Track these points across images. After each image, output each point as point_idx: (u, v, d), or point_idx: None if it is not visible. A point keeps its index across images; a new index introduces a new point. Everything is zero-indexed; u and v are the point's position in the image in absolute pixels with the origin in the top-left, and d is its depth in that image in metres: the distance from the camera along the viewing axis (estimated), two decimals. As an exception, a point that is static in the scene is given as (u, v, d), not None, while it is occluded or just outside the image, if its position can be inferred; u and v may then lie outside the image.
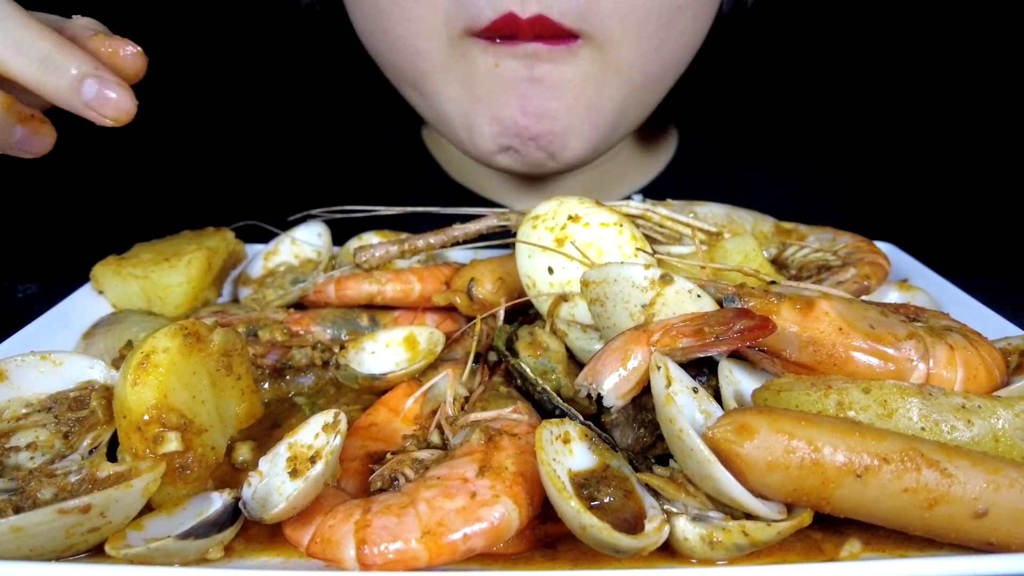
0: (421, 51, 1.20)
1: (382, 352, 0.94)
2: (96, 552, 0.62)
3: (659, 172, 1.57)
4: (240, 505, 0.65)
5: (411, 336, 0.94)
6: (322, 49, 1.48)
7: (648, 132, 1.58)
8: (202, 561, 0.62)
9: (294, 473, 0.66)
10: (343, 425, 0.67)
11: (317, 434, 0.68)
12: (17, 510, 0.61)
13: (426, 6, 1.15)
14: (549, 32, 1.12)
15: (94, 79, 0.75)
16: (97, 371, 0.79)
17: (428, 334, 0.93)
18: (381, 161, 1.61)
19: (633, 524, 0.62)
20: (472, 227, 1.03)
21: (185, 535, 0.60)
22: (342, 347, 0.95)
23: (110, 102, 0.76)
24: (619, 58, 1.17)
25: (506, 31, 1.12)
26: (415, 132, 1.61)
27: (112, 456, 0.73)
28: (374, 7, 1.21)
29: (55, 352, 0.80)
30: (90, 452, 0.72)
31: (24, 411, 0.75)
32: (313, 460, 0.66)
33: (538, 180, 1.47)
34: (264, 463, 0.68)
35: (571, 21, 1.12)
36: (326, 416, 0.69)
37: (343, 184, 1.53)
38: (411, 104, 1.35)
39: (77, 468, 0.67)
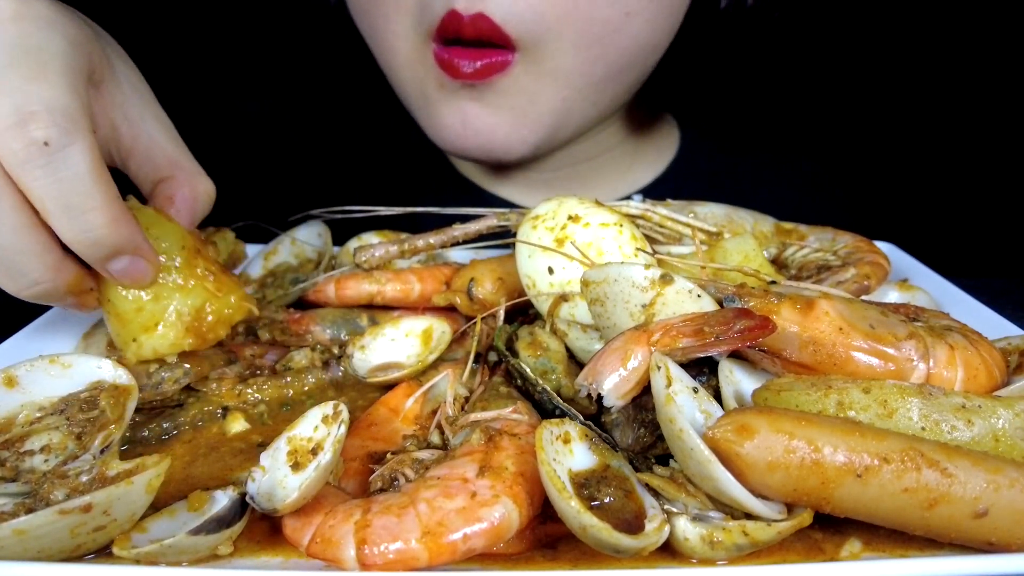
0: (390, 48, 1.30)
1: (401, 340, 0.94)
2: (107, 552, 0.62)
3: (662, 171, 1.57)
4: (248, 500, 0.65)
5: (429, 329, 0.94)
6: (341, 45, 1.49)
7: (646, 126, 1.58)
8: (210, 559, 0.62)
9: (296, 466, 0.66)
10: (345, 414, 0.67)
11: (316, 426, 0.69)
12: (29, 512, 0.61)
13: (395, 7, 1.23)
14: (489, 31, 1.16)
15: (127, 257, 0.80)
16: (105, 371, 0.80)
17: (442, 331, 0.94)
18: (392, 159, 1.61)
19: (633, 524, 0.62)
20: (472, 227, 1.03)
21: (196, 531, 0.60)
22: (342, 346, 0.95)
23: (131, 275, 0.82)
24: (554, 66, 1.22)
25: (451, 29, 1.17)
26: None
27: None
28: (357, 4, 1.32)
29: (63, 355, 0.80)
30: (102, 451, 0.72)
31: (38, 415, 0.76)
32: (315, 452, 0.66)
33: (550, 182, 1.49)
34: (265, 458, 0.68)
35: (511, 27, 1.16)
36: (324, 408, 0.69)
37: (346, 183, 1.53)
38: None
39: (88, 468, 0.67)
